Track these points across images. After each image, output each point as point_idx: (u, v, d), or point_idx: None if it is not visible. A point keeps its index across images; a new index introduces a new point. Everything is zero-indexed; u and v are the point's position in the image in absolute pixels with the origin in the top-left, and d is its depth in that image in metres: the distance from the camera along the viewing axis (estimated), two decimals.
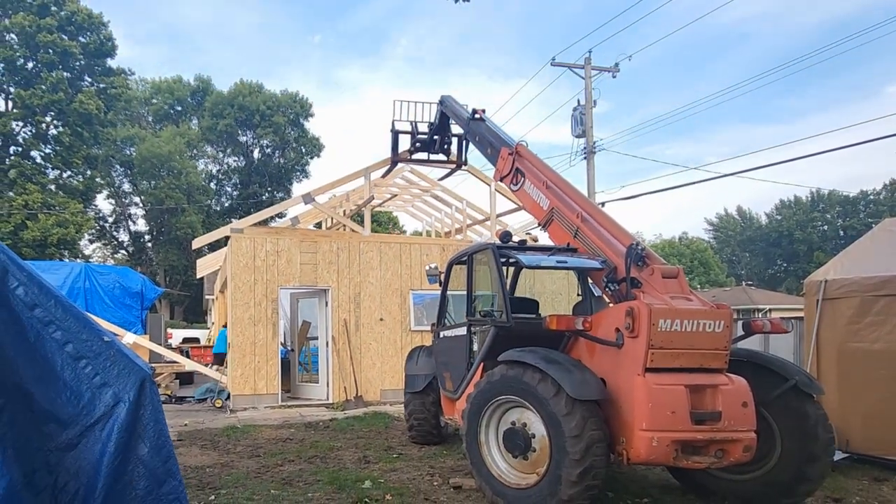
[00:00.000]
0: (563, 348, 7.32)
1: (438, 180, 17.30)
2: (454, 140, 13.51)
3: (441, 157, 14.08)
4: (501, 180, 10.18)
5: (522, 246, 8.93)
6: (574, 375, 6.19)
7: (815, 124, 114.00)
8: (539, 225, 9.18)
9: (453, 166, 14.36)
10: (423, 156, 14.17)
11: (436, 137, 13.40)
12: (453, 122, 12.52)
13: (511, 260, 8.40)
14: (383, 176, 17.49)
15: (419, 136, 13.61)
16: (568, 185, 8.76)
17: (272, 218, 24.57)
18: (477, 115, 11.22)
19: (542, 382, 6.27)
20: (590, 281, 8.63)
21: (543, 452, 6.39)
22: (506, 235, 8.82)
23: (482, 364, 8.03)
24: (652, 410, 5.88)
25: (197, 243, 16.92)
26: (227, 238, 15.79)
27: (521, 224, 19.00)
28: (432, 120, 13.29)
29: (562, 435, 6.00)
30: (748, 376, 6.45)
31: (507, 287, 8.24)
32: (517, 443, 6.74)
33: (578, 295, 9.49)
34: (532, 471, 6.61)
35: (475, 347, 8.61)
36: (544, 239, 12.33)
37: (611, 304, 7.51)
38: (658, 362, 6.06)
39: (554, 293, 17.12)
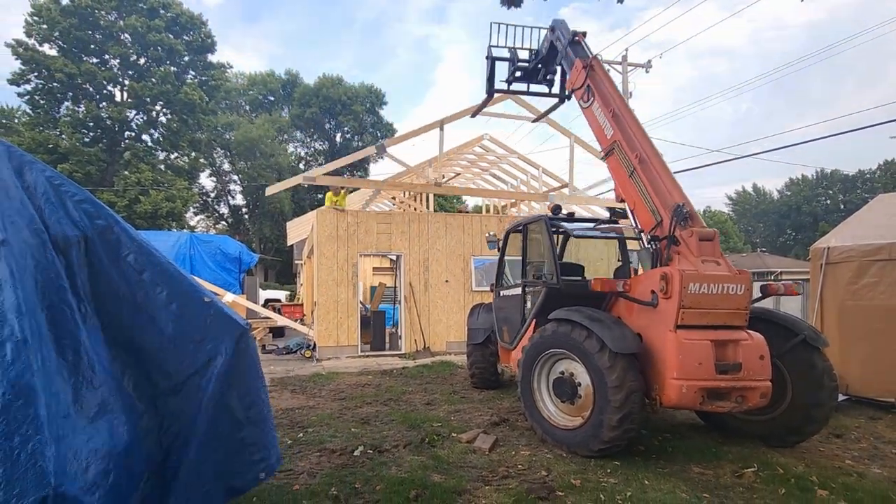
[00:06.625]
0: (605, 307, 7.35)
1: (533, 121, 15.01)
2: (558, 70, 10.19)
3: (543, 88, 10.70)
4: (573, 92, 8.74)
5: (570, 218, 8.94)
6: (615, 332, 6.25)
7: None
8: (601, 153, 8.14)
9: (556, 100, 10.81)
10: (522, 86, 10.93)
11: (539, 67, 10.26)
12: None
13: (560, 230, 8.43)
14: (473, 115, 14.10)
15: (520, 63, 10.50)
16: (634, 120, 7.71)
17: (346, 168, 23.79)
18: (577, 39, 8.82)
19: (588, 339, 6.36)
20: (635, 245, 8.55)
21: (588, 399, 6.48)
22: (556, 208, 8.81)
23: (535, 320, 8.09)
24: (682, 362, 5.94)
25: (270, 190, 16.17)
26: (298, 185, 15.63)
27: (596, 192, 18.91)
28: (533, 47, 10.40)
29: (605, 385, 6.10)
30: (764, 331, 6.48)
31: (557, 253, 8.26)
32: (565, 390, 6.82)
33: (618, 260, 9.46)
34: (578, 414, 6.70)
35: (529, 305, 8.64)
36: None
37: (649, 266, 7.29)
38: (687, 320, 6.10)
39: (597, 259, 17.02)
